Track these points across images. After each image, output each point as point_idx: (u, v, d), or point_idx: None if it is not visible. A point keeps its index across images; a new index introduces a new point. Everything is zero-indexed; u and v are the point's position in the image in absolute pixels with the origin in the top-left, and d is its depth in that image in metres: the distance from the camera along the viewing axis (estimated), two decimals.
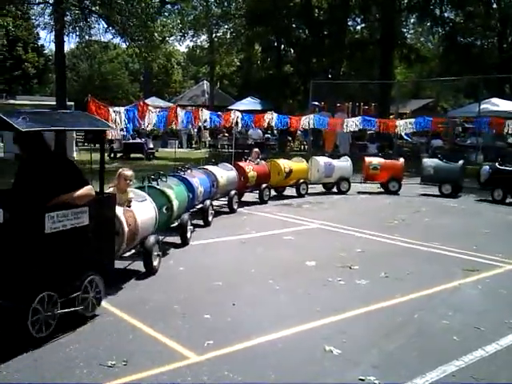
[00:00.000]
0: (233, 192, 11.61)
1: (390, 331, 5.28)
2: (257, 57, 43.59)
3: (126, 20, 19.96)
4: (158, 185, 8.05)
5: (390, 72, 32.46)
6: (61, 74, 22.14)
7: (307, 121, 15.67)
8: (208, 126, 15.24)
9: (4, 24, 26.76)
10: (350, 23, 35.99)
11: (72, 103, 25.63)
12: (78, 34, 20.39)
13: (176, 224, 8.56)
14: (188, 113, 12.14)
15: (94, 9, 21.93)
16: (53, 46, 24.94)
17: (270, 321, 5.46)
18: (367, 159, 15.99)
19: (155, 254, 6.96)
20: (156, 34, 21.62)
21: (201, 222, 10.05)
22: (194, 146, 33.72)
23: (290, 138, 32.54)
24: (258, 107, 32.18)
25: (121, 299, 5.99)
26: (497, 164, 14.80)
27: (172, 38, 31.18)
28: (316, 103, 25.54)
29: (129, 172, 7.05)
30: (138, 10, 19.93)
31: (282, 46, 40.04)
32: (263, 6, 29.94)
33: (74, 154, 24.67)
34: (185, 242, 8.60)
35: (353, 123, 16.71)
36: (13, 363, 4.39)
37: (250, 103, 33.77)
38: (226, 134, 31.91)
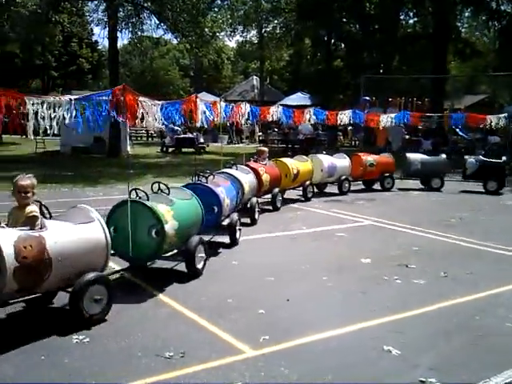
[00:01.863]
0: (254, 200, 9.88)
1: (450, 333, 5.11)
2: (306, 51, 43.29)
3: (177, 16, 20.16)
4: (148, 199, 6.24)
5: (443, 66, 31.63)
6: (114, 69, 22.62)
7: (343, 116, 15.18)
8: (250, 121, 14.55)
9: (60, 20, 27.53)
10: (401, 17, 35.28)
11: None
12: (130, 30, 20.74)
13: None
14: (227, 106, 11.02)
15: (145, 5, 22.26)
16: (106, 42, 25.51)
17: (324, 318, 5.38)
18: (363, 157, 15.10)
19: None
20: (207, 30, 21.76)
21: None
22: (243, 140, 33.86)
23: (341, 134, 32.23)
24: (308, 102, 31.99)
25: (177, 292, 6.04)
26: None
27: (222, 34, 31.28)
28: (367, 98, 25.13)
29: (25, 181, 4.99)
30: (189, 6, 20.10)
31: (332, 40, 39.64)
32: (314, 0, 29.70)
33: (128, 148, 25.20)
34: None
35: (388, 118, 16.11)
36: (71, 352, 4.49)
37: (299, 98, 33.60)
38: (276, 129, 31.91)
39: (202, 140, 26.63)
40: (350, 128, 29.99)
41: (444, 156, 15.98)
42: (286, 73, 49.71)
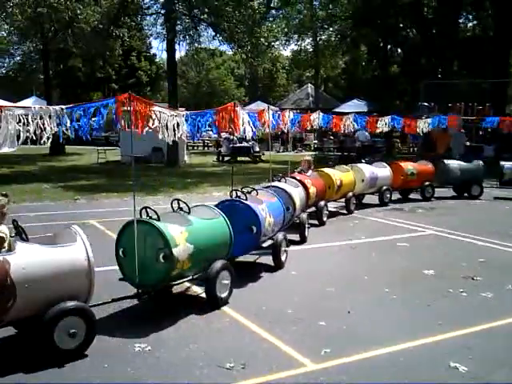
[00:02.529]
0: (304, 216, 9.21)
1: None
2: (362, 58, 42.86)
3: (234, 27, 20.35)
4: (158, 219, 5.59)
5: (505, 70, 30.56)
6: (173, 81, 23.06)
7: (383, 123, 14.47)
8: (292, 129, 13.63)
9: (120, 35, 28.35)
10: (460, 20, 34.35)
11: (183, 109, 26.60)
12: (188, 42, 21.10)
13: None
14: (274, 114, 10.02)
15: (202, 17, 22.61)
16: (164, 55, 26.08)
17: (388, 332, 5.25)
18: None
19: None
20: (262, 40, 21.86)
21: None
22: (298, 148, 33.76)
23: (399, 140, 31.64)
24: (364, 109, 31.58)
25: (236, 301, 6.03)
26: None
27: (277, 43, 31.39)
28: (426, 104, 24.54)
29: None
30: (246, 17, 20.26)
31: (388, 46, 39.07)
32: (371, 5, 29.37)
33: (186, 158, 25.66)
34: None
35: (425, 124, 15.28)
36: (133, 360, 4.55)
37: (355, 105, 33.20)
38: (332, 137, 31.66)
39: (257, 149, 26.71)
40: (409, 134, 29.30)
41: (481, 162, 15.34)
42: (341, 80, 49.38)
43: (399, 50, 40.69)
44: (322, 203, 10.71)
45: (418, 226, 10.80)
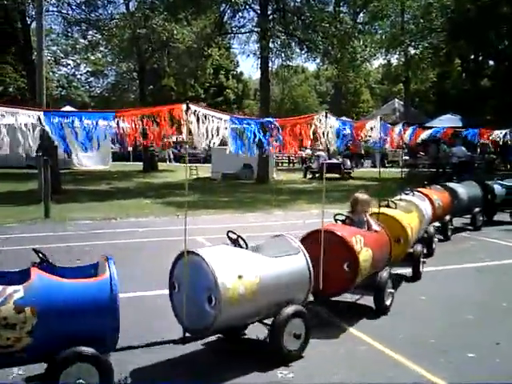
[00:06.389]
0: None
1: None
2: (455, 71, 41.41)
3: (330, 42, 20.17)
4: (245, 246, 5.09)
5: None
6: (265, 99, 23.15)
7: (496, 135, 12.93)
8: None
9: (211, 54, 28.99)
10: None
11: None
12: (283, 58, 21.14)
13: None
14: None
15: (296, 33, 22.61)
16: (250, 73, 26.27)
17: None
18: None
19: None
20: (358, 55, 21.54)
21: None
22: (387, 165, 32.95)
23: (495, 156, 30.10)
24: (459, 124, 30.30)
25: (367, 327, 5.69)
26: None
27: (366, 57, 30.85)
28: None
29: None
30: (341, 32, 20.02)
31: (480, 58, 37.43)
32: (466, 17, 28.27)
33: (274, 174, 25.65)
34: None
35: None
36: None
37: (448, 120, 31.93)
38: (422, 153, 30.61)
39: (348, 165, 26.24)
40: None
41: None
42: (431, 94, 47.87)
43: (491, 62, 38.92)
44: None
45: None
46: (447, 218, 10.45)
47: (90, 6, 24.86)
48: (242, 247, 5.03)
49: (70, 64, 38.15)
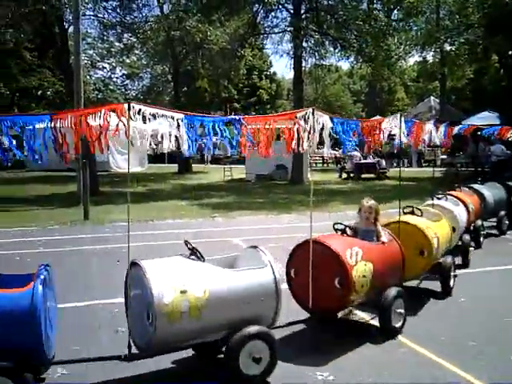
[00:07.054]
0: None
1: None
2: (492, 67, 40.52)
3: (364, 40, 19.99)
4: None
5: None
6: (298, 99, 23.11)
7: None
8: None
9: (244, 55, 29.08)
10: None
11: None
12: (317, 57, 21.07)
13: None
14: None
15: (330, 32, 22.50)
16: (283, 73, 26.29)
17: None
18: None
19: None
20: (392, 53, 21.29)
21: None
22: (423, 164, 32.48)
23: None
24: (496, 121, 29.64)
25: (406, 330, 5.62)
26: None
27: (401, 55, 30.48)
28: None
29: None
30: (376, 29, 19.83)
31: None
32: (504, 11, 27.58)
33: (309, 175, 25.52)
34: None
35: None
36: None
37: (486, 117, 31.28)
38: (461, 152, 30.08)
39: (383, 165, 25.93)
40: None
41: None
42: (467, 91, 46.97)
43: None
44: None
45: None
46: (479, 222, 9.63)
47: (126, 10, 25.26)
48: (199, 259, 4.59)
49: (105, 67, 38.85)
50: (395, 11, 29.37)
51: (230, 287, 4.38)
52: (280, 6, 24.64)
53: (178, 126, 4.36)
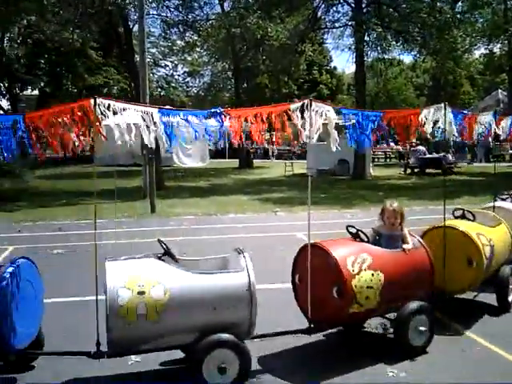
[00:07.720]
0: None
1: None
2: None
3: (428, 33, 19.50)
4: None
5: None
6: (360, 93, 22.82)
7: None
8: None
9: (304, 50, 28.96)
10: None
11: None
12: (380, 51, 20.74)
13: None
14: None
15: (392, 26, 22.09)
16: (344, 68, 25.97)
17: None
18: None
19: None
20: (458, 45, 20.66)
21: None
22: (492, 159, 31.30)
23: None
24: None
25: (481, 329, 5.48)
26: None
27: (467, 47, 29.54)
28: None
29: None
30: (440, 22, 19.29)
31: None
32: None
33: (371, 170, 25.15)
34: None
35: None
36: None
37: None
38: None
39: (450, 159, 25.14)
40: None
41: None
42: None
43: None
44: None
45: None
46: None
47: (188, 8, 25.75)
48: (175, 260, 4.52)
49: (168, 65, 39.61)
50: (460, 3, 28.50)
51: (195, 291, 4.19)
52: (341, 1, 24.41)
53: (155, 122, 4.30)
